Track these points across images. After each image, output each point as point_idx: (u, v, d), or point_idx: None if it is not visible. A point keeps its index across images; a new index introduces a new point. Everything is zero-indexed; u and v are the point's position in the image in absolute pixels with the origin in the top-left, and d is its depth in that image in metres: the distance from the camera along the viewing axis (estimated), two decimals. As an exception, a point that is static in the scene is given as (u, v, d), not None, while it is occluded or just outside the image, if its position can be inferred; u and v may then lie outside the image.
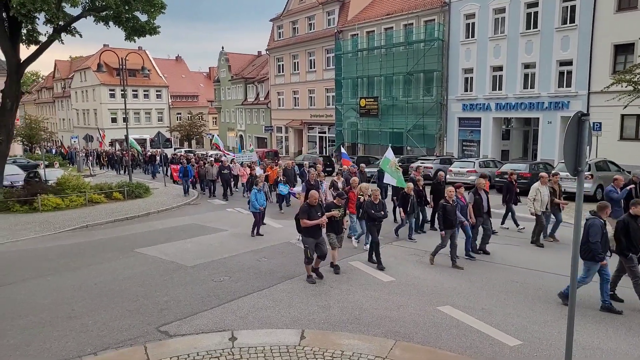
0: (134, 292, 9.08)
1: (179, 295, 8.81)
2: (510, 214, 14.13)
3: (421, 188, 13.78)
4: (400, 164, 17.57)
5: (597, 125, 22.20)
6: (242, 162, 24.04)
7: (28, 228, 15.36)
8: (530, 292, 8.83)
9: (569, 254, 6.22)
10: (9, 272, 10.72)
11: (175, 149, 45.89)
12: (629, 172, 20.49)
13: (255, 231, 13.82)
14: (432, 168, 23.52)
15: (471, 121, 31.30)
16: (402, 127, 33.95)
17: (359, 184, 12.91)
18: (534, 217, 12.24)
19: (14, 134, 24.55)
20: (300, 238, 9.87)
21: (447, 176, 20.30)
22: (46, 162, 30.12)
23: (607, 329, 7.23)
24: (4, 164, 20.36)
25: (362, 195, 11.47)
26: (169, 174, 29.61)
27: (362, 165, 18.93)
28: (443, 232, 10.41)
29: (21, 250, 12.84)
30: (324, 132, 43.49)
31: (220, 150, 30.09)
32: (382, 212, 10.61)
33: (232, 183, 23.17)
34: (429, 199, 13.91)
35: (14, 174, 23.59)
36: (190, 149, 51.22)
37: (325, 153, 40.98)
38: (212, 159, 27.76)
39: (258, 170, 20.22)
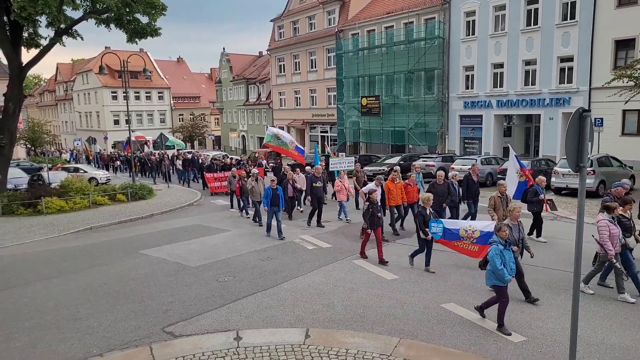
0: (138, 293, 9.12)
1: (183, 296, 8.85)
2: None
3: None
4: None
5: (598, 121, 22.19)
6: (339, 171, 17.28)
7: (32, 231, 15.44)
8: (533, 288, 8.79)
9: (570, 250, 6.23)
10: (14, 275, 10.78)
11: (177, 150, 45.69)
12: (631, 168, 20.51)
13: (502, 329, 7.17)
14: (434, 166, 23.53)
15: (472, 118, 31.28)
16: (403, 126, 33.96)
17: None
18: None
19: (16, 138, 24.68)
20: None
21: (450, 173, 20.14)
22: (49, 165, 30.21)
23: (612, 325, 7.24)
24: (8, 167, 20.48)
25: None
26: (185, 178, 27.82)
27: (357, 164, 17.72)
28: None
29: (26, 253, 12.89)
30: (326, 132, 43.53)
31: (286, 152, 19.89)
32: None
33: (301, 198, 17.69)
34: None
35: (18, 177, 23.85)
36: (191, 150, 51.19)
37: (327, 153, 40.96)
38: (255, 169, 18.46)
39: (370, 186, 13.39)
